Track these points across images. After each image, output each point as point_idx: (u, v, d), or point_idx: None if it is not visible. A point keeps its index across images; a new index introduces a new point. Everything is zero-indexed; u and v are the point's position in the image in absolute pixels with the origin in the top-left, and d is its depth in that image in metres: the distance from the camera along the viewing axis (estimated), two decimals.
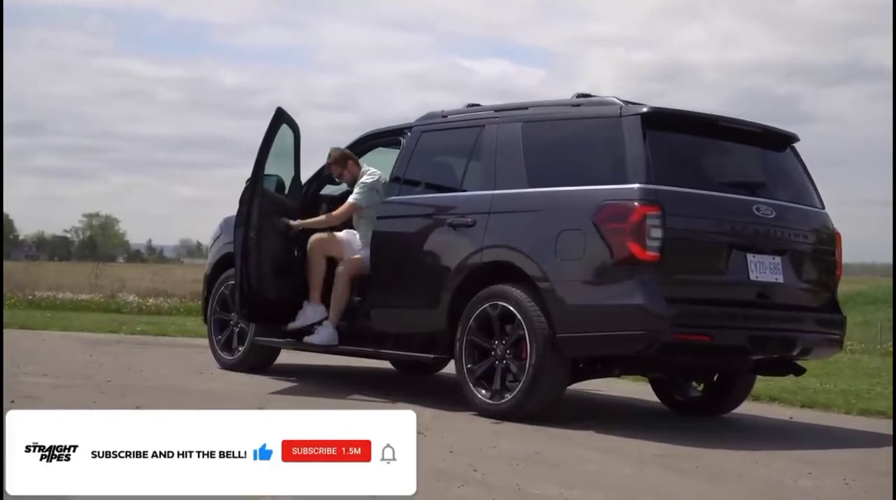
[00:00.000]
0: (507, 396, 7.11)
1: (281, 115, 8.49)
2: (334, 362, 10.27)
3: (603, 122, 7.30)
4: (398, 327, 8.15)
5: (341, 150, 8.78)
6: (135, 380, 8.19)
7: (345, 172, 8.72)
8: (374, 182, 8.56)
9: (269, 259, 8.40)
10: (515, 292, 7.14)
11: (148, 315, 19.70)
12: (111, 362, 9.56)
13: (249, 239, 8.24)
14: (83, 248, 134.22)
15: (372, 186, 8.54)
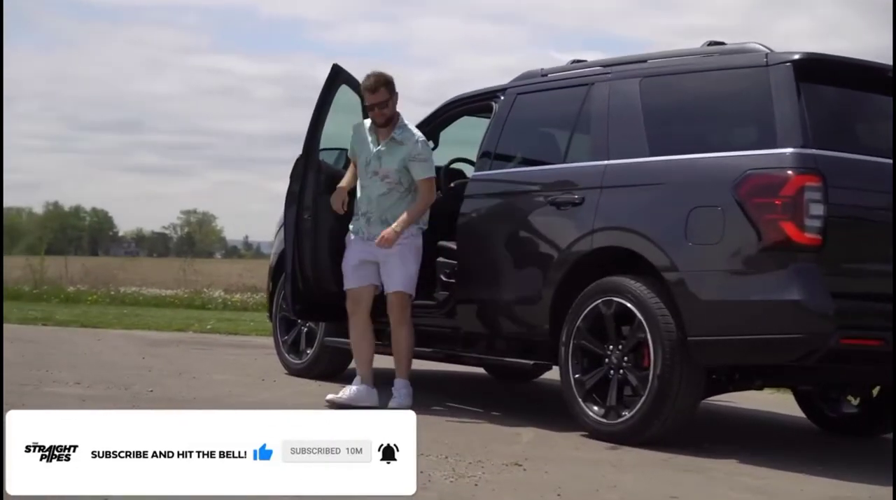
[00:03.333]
0: (626, 414, 5.72)
1: (338, 73, 7.11)
2: (417, 366, 8.95)
3: (744, 73, 5.87)
4: (490, 327, 6.80)
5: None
6: (180, 390, 6.96)
7: (391, 101, 6.69)
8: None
9: (328, 245, 7.04)
10: (635, 285, 5.75)
11: (232, 311, 18.73)
12: (163, 366, 8.37)
13: (303, 221, 6.95)
14: (181, 244, 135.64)
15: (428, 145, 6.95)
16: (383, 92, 6.63)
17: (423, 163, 6.68)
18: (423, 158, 6.68)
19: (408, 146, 6.66)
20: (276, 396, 7.01)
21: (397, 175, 6.66)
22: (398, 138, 6.68)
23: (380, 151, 6.68)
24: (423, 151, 6.69)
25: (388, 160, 6.66)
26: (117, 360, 8.73)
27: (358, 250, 6.70)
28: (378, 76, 6.67)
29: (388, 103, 6.65)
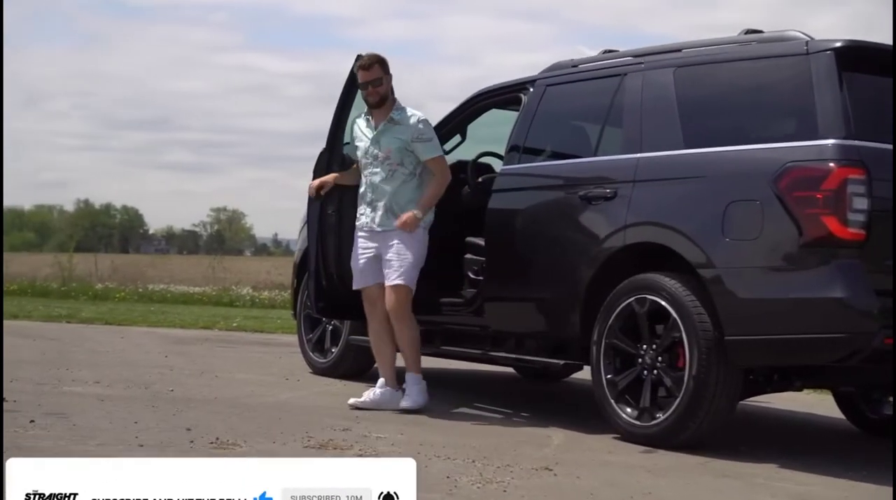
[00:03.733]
0: (660, 416, 5.50)
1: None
2: (445, 365, 8.76)
3: (783, 62, 5.64)
4: (519, 325, 6.60)
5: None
6: (201, 390, 6.78)
7: (385, 80, 6.48)
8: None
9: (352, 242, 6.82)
10: (669, 282, 5.53)
11: (259, 309, 18.60)
12: (185, 365, 8.20)
13: (327, 217, 6.77)
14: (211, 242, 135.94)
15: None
16: (377, 69, 6.45)
17: (427, 142, 6.45)
18: (426, 138, 6.45)
19: (406, 127, 6.43)
20: (298, 396, 6.82)
21: (398, 156, 6.42)
22: (396, 118, 6.46)
23: (378, 134, 6.47)
24: (424, 130, 6.46)
25: (387, 141, 6.44)
26: (139, 358, 8.58)
27: (363, 247, 6.51)
28: (372, 55, 6.53)
29: (381, 81, 6.44)
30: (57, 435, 4.83)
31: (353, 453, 4.83)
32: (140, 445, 4.71)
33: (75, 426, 5.11)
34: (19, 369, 7.39)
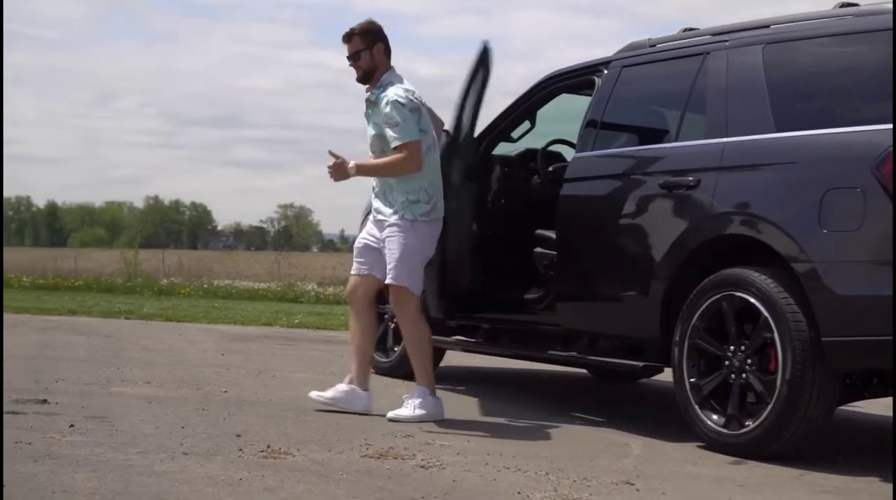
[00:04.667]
0: (749, 424, 5.03)
1: (487, 53, 6.50)
2: (512, 365, 8.36)
3: (882, 37, 5.13)
4: (593, 324, 6.16)
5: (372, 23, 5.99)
6: (256, 391, 6.43)
7: (367, 54, 5.86)
8: (414, 96, 5.83)
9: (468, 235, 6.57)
10: (759, 277, 5.06)
11: (324, 305, 18.32)
12: (242, 363, 7.87)
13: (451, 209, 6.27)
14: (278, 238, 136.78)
15: (412, 104, 5.79)
16: (356, 41, 5.88)
17: (393, 128, 5.69)
18: (392, 122, 5.69)
19: (380, 111, 5.78)
20: None
21: (378, 143, 5.84)
22: (373, 99, 5.84)
23: (366, 117, 5.96)
24: (391, 113, 5.69)
25: (369, 127, 5.91)
26: (194, 356, 8.26)
27: (366, 232, 6.05)
28: (355, 25, 5.94)
29: (360, 55, 5.85)
30: (95, 441, 4.49)
31: (416, 463, 4.43)
32: (184, 453, 4.35)
33: (117, 432, 4.76)
34: (69, 367, 7.10)
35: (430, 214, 5.81)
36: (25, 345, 8.47)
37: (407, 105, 5.72)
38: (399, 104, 5.70)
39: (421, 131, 5.75)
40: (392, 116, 5.69)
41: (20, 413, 5.10)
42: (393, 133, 5.69)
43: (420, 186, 5.78)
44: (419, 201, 5.76)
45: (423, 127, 5.79)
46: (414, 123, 5.72)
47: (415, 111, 5.75)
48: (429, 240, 5.85)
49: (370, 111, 5.89)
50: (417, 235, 5.77)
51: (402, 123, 5.68)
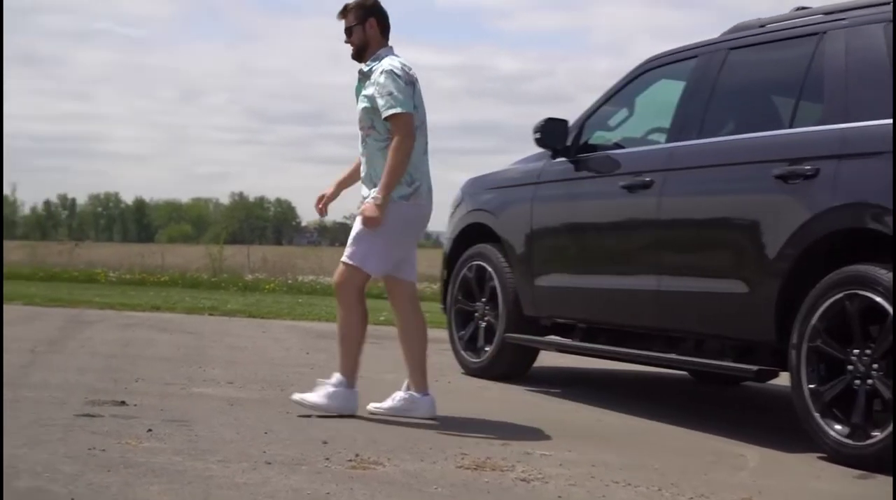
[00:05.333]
0: (877, 435, 4.60)
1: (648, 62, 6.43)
2: (603, 365, 7.99)
3: None
4: (700, 323, 5.76)
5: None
6: None
7: (359, 29, 5.52)
8: (410, 71, 5.48)
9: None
10: (887, 275, 4.63)
11: None
12: (327, 363, 7.54)
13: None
14: None
15: (407, 77, 5.42)
16: (350, 16, 5.53)
17: (385, 97, 5.29)
18: (385, 92, 5.30)
19: (372, 82, 5.41)
20: (449, 402, 6.08)
21: (368, 118, 5.42)
22: (365, 71, 5.49)
23: (356, 92, 5.57)
24: (385, 82, 5.31)
25: (359, 101, 5.50)
26: (278, 355, 8.00)
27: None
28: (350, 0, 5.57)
29: (352, 31, 5.52)
30: (174, 449, 4.21)
31: (516, 476, 4.09)
32: (267, 462, 4.05)
33: (196, 437, 4.49)
34: (150, 366, 6.88)
35: (410, 198, 5.39)
36: (107, 342, 8.29)
37: (402, 76, 5.36)
38: (394, 74, 5.35)
39: (414, 107, 5.39)
40: (385, 84, 5.32)
41: (96, 416, 4.85)
42: (385, 102, 5.30)
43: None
44: (400, 183, 5.35)
45: (416, 103, 5.42)
46: (408, 96, 5.34)
47: (409, 85, 5.40)
48: (402, 223, 5.38)
49: (361, 85, 5.53)
50: (390, 217, 5.30)
51: (396, 93, 5.30)
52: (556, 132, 6.69)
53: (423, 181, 5.46)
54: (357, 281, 5.42)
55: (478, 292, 7.30)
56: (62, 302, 12.64)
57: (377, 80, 5.35)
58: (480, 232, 7.39)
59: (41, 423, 4.59)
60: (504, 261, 7.05)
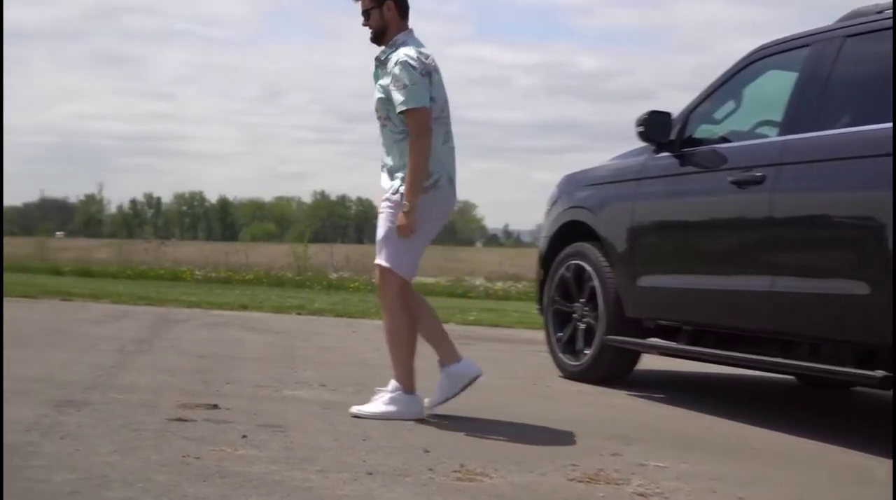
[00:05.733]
0: None
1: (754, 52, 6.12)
2: (707, 370, 7.68)
3: None
4: (817, 326, 5.43)
5: None
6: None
7: (377, 12, 5.31)
8: (427, 59, 5.22)
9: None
10: None
11: (493, 301, 17.88)
12: (419, 365, 7.27)
13: None
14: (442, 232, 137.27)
15: (423, 67, 5.17)
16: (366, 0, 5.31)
17: (400, 90, 5.09)
18: (400, 85, 5.09)
19: (387, 72, 5.20)
20: (551, 407, 5.86)
21: (384, 107, 5.22)
22: (382, 58, 5.27)
23: (374, 79, 5.33)
24: (400, 75, 5.09)
25: (376, 89, 5.28)
26: (370, 356, 7.80)
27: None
28: None
29: (369, 13, 5.30)
30: (270, 457, 4.01)
31: (632, 490, 3.82)
32: (369, 473, 3.83)
33: (293, 445, 4.28)
34: (241, 367, 6.72)
35: (428, 191, 5.16)
36: (195, 342, 8.17)
37: (418, 68, 5.12)
38: (409, 66, 5.10)
39: (431, 99, 5.16)
40: (400, 77, 5.09)
41: (189, 421, 4.68)
42: (399, 96, 5.09)
43: None
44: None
45: (434, 94, 5.19)
46: (423, 88, 5.11)
47: (426, 76, 5.15)
48: (422, 216, 5.14)
49: (378, 72, 5.30)
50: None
51: (411, 86, 5.08)
52: (659, 125, 6.42)
53: (442, 172, 5.23)
54: (395, 285, 5.22)
55: (576, 293, 7.04)
56: (150, 300, 12.62)
57: (392, 71, 5.14)
58: (578, 230, 7.13)
59: (132, 428, 4.43)
60: (604, 260, 6.78)
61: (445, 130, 5.31)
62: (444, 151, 5.29)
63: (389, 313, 5.27)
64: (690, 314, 6.20)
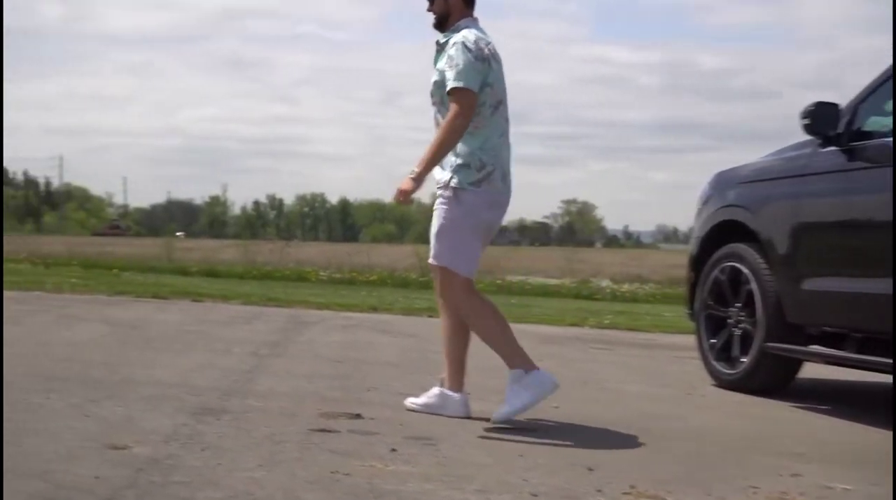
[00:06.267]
0: None
1: None
2: (875, 379, 7.17)
3: None
4: None
5: None
6: (589, 407, 5.56)
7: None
8: (489, 47, 4.94)
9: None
10: None
11: (621, 303, 17.48)
12: (562, 371, 6.96)
13: None
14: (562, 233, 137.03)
15: (479, 52, 4.87)
16: None
17: (451, 69, 4.83)
18: (452, 64, 4.83)
19: (444, 54, 4.94)
20: (712, 420, 5.45)
21: (438, 92, 4.96)
22: (442, 42, 5.01)
23: (434, 64, 5.04)
24: (455, 55, 4.84)
25: (434, 73, 5.00)
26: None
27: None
28: None
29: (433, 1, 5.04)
30: (423, 473, 3.70)
31: None
32: (533, 494, 3.49)
33: (446, 460, 3.97)
34: (379, 373, 6.46)
35: (481, 184, 4.86)
36: (329, 345, 7.94)
37: (473, 51, 4.84)
38: (465, 48, 4.84)
39: (486, 85, 4.86)
40: (454, 57, 4.84)
41: (333, 431, 4.40)
42: (450, 75, 4.82)
43: (472, 148, 4.88)
44: (469, 167, 4.87)
45: (490, 81, 4.89)
46: (476, 72, 4.82)
47: (482, 60, 4.85)
48: (474, 214, 4.88)
49: (438, 56, 5.01)
50: (462, 207, 4.87)
51: (463, 67, 4.80)
52: (827, 118, 5.96)
53: (496, 166, 4.91)
54: (457, 285, 4.95)
55: (731, 297, 6.61)
56: (279, 301, 12.48)
57: (448, 52, 4.89)
58: (733, 230, 6.70)
59: (274, 439, 4.17)
60: (763, 262, 6.34)
61: (503, 124, 5.02)
62: (502, 145, 5.00)
63: (468, 312, 4.99)
64: (862, 320, 5.73)
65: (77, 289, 12.91)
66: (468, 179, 4.86)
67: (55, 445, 3.81)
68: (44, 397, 4.82)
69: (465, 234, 4.90)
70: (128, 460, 3.65)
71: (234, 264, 23.01)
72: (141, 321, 8.98)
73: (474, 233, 4.94)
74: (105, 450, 3.78)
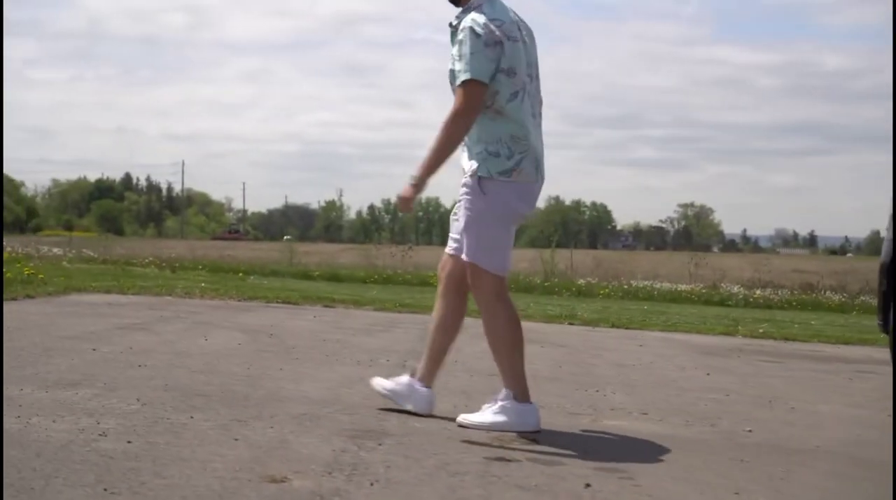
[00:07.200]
0: None
1: None
2: None
3: None
4: None
5: None
6: (783, 429, 4.94)
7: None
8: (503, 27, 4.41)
9: None
10: None
11: (756, 309, 16.75)
12: (736, 387, 6.38)
13: None
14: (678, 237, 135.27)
15: (490, 36, 4.35)
16: None
17: (460, 60, 4.36)
18: (461, 52, 4.36)
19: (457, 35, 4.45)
20: None
21: (452, 77, 4.44)
22: (454, 23, 4.52)
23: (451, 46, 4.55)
24: (464, 40, 4.35)
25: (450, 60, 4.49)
26: (675, 375, 6.86)
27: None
28: None
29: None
30: None
31: None
32: None
33: (650, 497, 3.42)
34: (540, 388, 5.88)
35: (511, 174, 4.41)
36: (479, 356, 7.35)
37: (483, 36, 4.34)
38: (473, 33, 4.35)
39: (502, 72, 4.37)
40: (464, 44, 4.37)
41: (513, 461, 3.87)
42: (459, 65, 4.37)
43: (500, 135, 4.42)
44: (498, 155, 4.42)
45: (507, 66, 4.39)
46: (486, 60, 4.33)
47: (493, 45, 4.35)
48: (505, 205, 4.44)
49: (452, 39, 4.48)
50: (490, 198, 4.42)
51: (470, 56, 4.33)
52: None
53: (526, 154, 4.43)
54: (489, 283, 4.49)
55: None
56: (410, 307, 12.01)
57: (458, 37, 4.43)
58: None
59: (449, 470, 3.65)
60: None
61: (531, 106, 4.51)
62: (533, 127, 4.49)
63: (491, 314, 4.52)
64: None
65: (207, 293, 12.62)
66: (497, 169, 4.42)
67: (206, 478, 3.33)
68: (187, 417, 4.37)
69: (493, 228, 4.49)
70: (289, 496, 3.16)
71: (355, 269, 22.76)
72: (276, 328, 8.57)
73: (505, 226, 4.53)
74: (262, 483, 3.29)
